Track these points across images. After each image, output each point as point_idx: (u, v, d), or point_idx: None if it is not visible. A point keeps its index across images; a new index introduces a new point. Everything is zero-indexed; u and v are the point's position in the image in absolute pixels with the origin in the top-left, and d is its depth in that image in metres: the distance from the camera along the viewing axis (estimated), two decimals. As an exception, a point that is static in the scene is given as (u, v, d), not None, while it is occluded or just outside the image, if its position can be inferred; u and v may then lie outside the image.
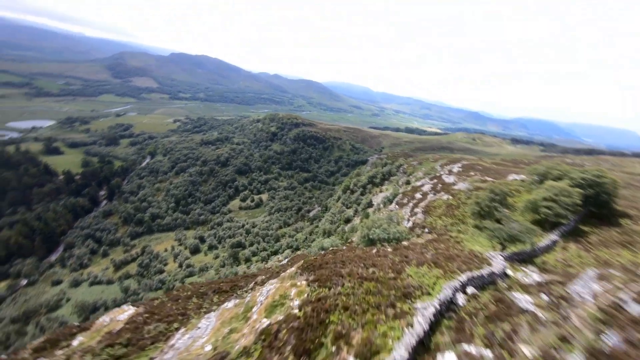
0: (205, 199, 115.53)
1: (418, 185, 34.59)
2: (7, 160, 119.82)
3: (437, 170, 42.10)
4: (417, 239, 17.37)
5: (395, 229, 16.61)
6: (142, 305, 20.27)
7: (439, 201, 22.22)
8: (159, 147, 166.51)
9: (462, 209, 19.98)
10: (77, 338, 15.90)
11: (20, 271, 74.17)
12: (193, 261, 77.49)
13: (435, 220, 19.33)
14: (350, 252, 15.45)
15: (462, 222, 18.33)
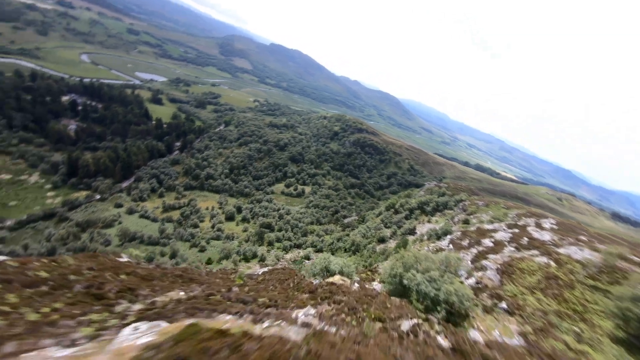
0: (254, 175, 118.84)
1: (487, 229, 25.57)
2: (123, 99, 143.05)
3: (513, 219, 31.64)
4: (487, 321, 9.64)
5: (452, 287, 9.81)
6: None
7: (530, 263, 14.07)
8: (234, 119, 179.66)
9: (582, 292, 11.59)
10: None
11: (98, 187, 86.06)
12: (224, 227, 79.00)
13: (521, 293, 11.61)
14: (360, 304, 9.31)
15: (582, 318, 10.13)
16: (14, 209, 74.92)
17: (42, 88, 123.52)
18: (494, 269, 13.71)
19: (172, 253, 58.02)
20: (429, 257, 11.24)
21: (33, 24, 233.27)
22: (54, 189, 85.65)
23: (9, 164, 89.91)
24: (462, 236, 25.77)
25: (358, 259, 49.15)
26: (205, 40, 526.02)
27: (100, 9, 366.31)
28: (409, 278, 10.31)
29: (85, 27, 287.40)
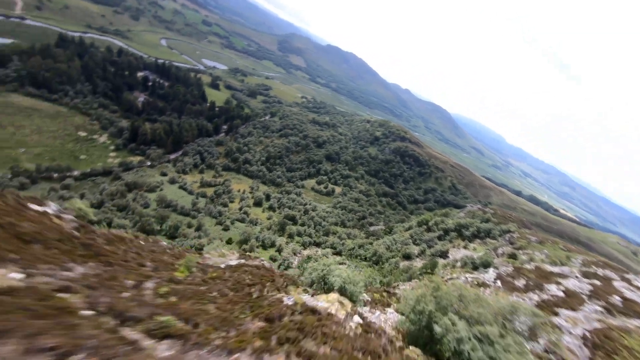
0: (288, 166, 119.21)
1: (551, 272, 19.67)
2: (186, 80, 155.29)
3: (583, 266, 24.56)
4: None
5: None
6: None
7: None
8: (280, 111, 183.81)
9: None
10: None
11: (150, 155, 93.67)
12: (251, 211, 79.77)
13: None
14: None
15: None
16: (82, 162, 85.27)
17: (124, 63, 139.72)
18: (576, 336, 9.08)
19: (197, 226, 59.72)
20: (481, 299, 7.19)
21: (129, 10, 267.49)
22: (116, 151, 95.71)
23: (87, 123, 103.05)
24: (514, 273, 20.13)
25: (376, 272, 44.56)
26: (267, 36, 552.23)
27: (183, 1, 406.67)
28: (444, 326, 6.43)
29: (169, 16, 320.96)
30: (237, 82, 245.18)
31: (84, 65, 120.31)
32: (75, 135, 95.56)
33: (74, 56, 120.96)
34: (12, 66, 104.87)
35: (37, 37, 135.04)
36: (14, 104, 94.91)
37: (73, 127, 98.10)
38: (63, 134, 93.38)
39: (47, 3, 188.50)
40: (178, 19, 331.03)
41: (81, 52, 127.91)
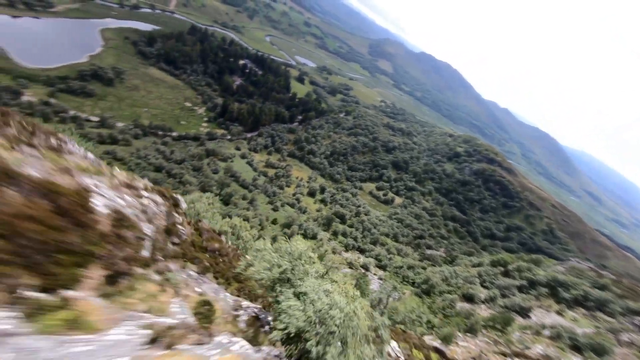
0: (351, 165, 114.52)
1: None
2: (276, 71, 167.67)
3: None
4: None
5: None
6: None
7: None
8: (356, 110, 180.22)
9: None
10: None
11: (231, 130, 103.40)
12: (303, 199, 78.74)
13: None
14: None
15: None
16: (181, 126, 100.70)
17: (231, 51, 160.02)
18: None
19: (250, 199, 61.42)
20: None
21: (247, 10, 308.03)
22: (207, 122, 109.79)
23: (193, 97, 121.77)
24: None
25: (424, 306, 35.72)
26: (360, 39, 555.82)
27: (291, 4, 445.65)
28: None
29: (277, 16, 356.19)
30: (322, 79, 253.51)
31: (202, 50, 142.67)
32: (183, 104, 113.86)
33: (197, 42, 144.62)
34: (155, 46, 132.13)
35: (178, 27, 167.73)
36: (150, 75, 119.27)
37: (183, 98, 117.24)
38: (175, 102, 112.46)
39: (191, 2, 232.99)
40: (284, 20, 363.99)
41: (203, 39, 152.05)
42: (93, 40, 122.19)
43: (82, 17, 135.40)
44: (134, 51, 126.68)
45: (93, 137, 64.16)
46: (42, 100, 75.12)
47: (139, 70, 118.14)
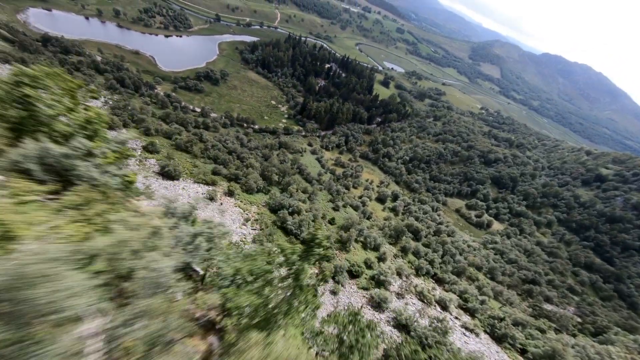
0: (434, 175, 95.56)
1: None
2: (360, 73, 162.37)
3: None
4: None
5: None
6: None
7: None
8: (446, 116, 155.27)
9: None
10: None
11: (307, 126, 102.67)
12: (370, 204, 67.94)
13: None
14: None
15: None
16: (264, 121, 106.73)
17: (319, 56, 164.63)
18: None
19: (310, 193, 55.55)
20: None
21: (340, 21, 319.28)
22: (287, 119, 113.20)
23: (279, 96, 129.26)
24: None
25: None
26: (459, 42, 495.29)
27: (386, 13, 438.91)
28: None
29: (369, 25, 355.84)
30: (409, 84, 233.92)
31: (293, 55, 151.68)
32: (269, 102, 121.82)
33: (290, 48, 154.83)
34: (256, 53, 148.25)
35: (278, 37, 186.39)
36: (247, 77, 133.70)
37: (270, 97, 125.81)
38: (262, 100, 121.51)
39: (292, 18, 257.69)
40: (375, 28, 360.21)
41: (295, 45, 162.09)
42: (213, 50, 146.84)
43: (209, 34, 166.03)
44: (239, 58, 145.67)
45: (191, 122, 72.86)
46: (166, 93, 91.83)
47: (240, 73, 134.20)
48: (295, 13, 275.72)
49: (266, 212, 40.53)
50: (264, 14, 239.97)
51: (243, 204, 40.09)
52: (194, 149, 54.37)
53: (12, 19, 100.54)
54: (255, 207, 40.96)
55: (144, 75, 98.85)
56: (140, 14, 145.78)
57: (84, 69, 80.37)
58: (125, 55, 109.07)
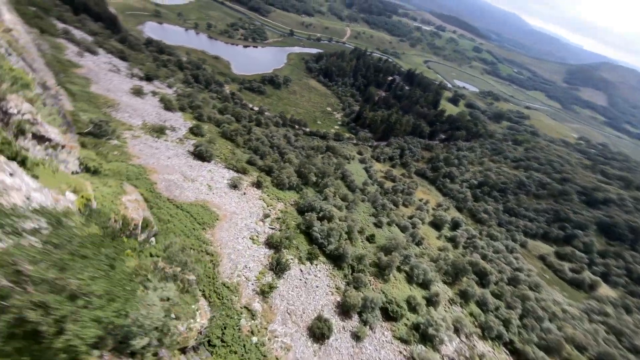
0: (509, 207, 75.74)
1: None
2: (426, 87, 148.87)
3: None
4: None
5: None
6: None
7: None
8: (530, 142, 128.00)
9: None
10: None
11: (359, 135, 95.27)
12: (421, 228, 55.27)
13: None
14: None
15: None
16: (316, 125, 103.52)
17: (383, 68, 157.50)
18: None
19: (350, 201, 47.03)
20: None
21: (411, 39, 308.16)
22: (340, 126, 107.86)
23: (335, 104, 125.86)
24: None
25: None
26: (551, 64, 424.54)
27: (462, 32, 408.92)
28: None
29: (442, 43, 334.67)
30: (483, 104, 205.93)
31: (356, 66, 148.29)
32: (324, 109, 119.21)
33: (354, 59, 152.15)
34: (320, 63, 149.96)
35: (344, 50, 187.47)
36: (308, 84, 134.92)
37: (326, 104, 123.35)
38: (318, 106, 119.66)
39: (361, 34, 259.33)
40: (448, 46, 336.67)
41: (359, 57, 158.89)
42: (281, 60, 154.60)
43: (281, 46, 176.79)
44: (304, 67, 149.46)
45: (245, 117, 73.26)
46: (231, 92, 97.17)
47: (302, 80, 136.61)
48: (365, 30, 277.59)
49: (293, 212, 33.96)
50: (334, 31, 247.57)
51: (269, 198, 34.49)
52: (237, 138, 52.49)
53: (133, 28, 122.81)
54: (281, 204, 34.87)
55: (218, 76, 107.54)
56: (227, 27, 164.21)
57: (170, 66, 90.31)
58: (207, 59, 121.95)
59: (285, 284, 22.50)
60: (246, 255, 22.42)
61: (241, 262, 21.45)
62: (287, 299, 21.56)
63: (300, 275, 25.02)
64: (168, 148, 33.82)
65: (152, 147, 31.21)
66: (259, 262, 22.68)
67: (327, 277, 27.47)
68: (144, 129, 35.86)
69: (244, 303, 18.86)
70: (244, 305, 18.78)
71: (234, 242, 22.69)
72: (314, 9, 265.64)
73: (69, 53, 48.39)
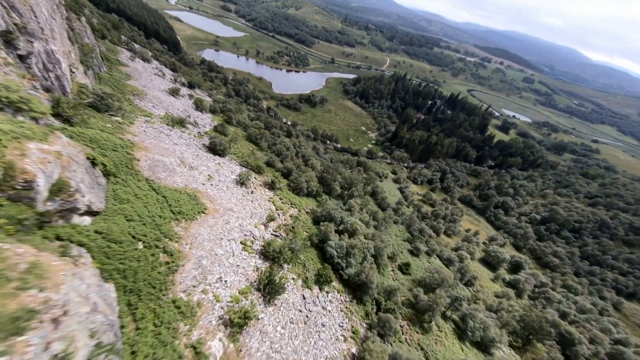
0: (587, 252, 58.06)
1: None
2: (470, 111, 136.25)
3: None
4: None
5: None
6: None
7: None
8: (605, 177, 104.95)
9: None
10: None
11: (394, 154, 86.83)
12: (471, 264, 43.13)
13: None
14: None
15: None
16: (348, 142, 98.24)
17: (423, 92, 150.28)
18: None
19: (380, 219, 38.37)
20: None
21: (453, 69, 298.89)
22: (374, 144, 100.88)
23: (370, 124, 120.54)
24: None
25: None
26: (621, 97, 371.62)
27: (510, 63, 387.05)
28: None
29: (487, 74, 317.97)
30: (538, 134, 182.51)
31: (394, 89, 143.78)
32: (359, 128, 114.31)
33: (392, 82, 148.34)
34: (357, 86, 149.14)
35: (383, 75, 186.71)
36: (345, 105, 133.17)
37: (361, 123, 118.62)
38: (352, 125, 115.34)
39: (400, 63, 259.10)
40: (495, 76, 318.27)
41: (398, 80, 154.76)
42: (320, 83, 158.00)
43: (322, 71, 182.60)
44: (341, 89, 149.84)
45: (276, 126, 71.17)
46: (268, 107, 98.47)
47: (338, 101, 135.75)
48: (405, 60, 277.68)
49: (307, 220, 27.05)
50: (373, 60, 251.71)
51: (281, 201, 28.36)
52: (262, 142, 48.99)
53: (193, 53, 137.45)
54: (295, 210, 28.34)
55: (258, 93, 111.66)
56: (274, 54, 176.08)
57: (216, 81, 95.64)
58: (251, 79, 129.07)
59: (275, 315, 14.95)
60: (226, 264, 15.71)
61: (215, 271, 14.74)
62: (272, 340, 13.90)
63: (302, 304, 17.35)
64: (181, 137, 30.75)
65: (162, 133, 28.29)
66: (242, 276, 15.72)
67: (340, 312, 19.26)
68: (164, 118, 33.81)
69: (195, 339, 11.50)
70: (193, 342, 11.35)
71: (213, 243, 16.32)
72: (356, 40, 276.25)
73: (122, 57, 51.65)
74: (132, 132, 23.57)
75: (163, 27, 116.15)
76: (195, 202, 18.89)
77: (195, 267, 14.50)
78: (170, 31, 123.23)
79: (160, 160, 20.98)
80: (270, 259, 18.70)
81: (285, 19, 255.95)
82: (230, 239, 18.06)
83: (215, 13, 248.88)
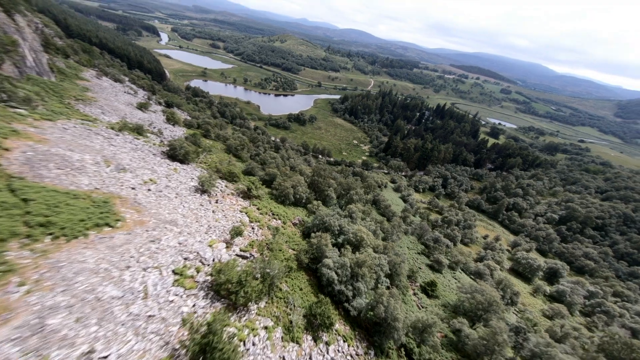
0: (618, 250, 50.35)
1: None
2: (459, 119, 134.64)
3: None
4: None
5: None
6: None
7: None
8: (606, 173, 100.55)
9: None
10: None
11: (390, 164, 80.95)
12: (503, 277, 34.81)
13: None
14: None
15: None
16: (342, 155, 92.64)
17: (410, 105, 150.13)
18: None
19: (386, 231, 30.64)
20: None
21: (434, 86, 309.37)
22: (368, 156, 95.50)
23: (362, 137, 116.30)
24: None
25: None
26: (595, 101, 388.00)
27: (486, 78, 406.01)
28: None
29: (466, 88, 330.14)
30: (528, 138, 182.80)
31: (382, 103, 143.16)
32: (350, 142, 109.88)
33: (379, 97, 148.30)
34: (345, 104, 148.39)
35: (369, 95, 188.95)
36: (334, 122, 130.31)
37: (352, 137, 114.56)
38: (344, 139, 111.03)
39: (384, 84, 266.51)
40: (474, 90, 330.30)
41: (384, 95, 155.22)
42: (308, 104, 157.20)
43: (309, 94, 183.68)
44: (330, 108, 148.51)
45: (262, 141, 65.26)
46: (256, 126, 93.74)
47: (327, 118, 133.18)
48: (388, 80, 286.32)
49: (293, 234, 19.53)
50: (358, 81, 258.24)
51: (259, 212, 20.98)
52: (243, 153, 42.36)
53: (180, 84, 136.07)
54: (279, 221, 20.87)
55: (246, 115, 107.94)
56: (261, 81, 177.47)
57: (201, 105, 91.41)
58: (238, 103, 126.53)
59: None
60: (121, 318, 7.58)
61: (80, 338, 6.66)
62: None
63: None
64: (130, 142, 23.95)
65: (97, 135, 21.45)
66: (154, 340, 7.61)
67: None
68: (114, 125, 27.21)
69: None
70: None
71: (100, 277, 8.52)
72: (340, 66, 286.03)
73: (86, 74, 46.39)
74: (36, 125, 16.60)
75: (148, 59, 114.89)
76: (101, 211, 11.51)
77: (22, 333, 6.57)
78: (156, 63, 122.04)
79: (59, 155, 13.86)
80: (225, 297, 10.89)
81: (272, 51, 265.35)
82: (149, 267, 10.39)
83: (205, 50, 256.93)
